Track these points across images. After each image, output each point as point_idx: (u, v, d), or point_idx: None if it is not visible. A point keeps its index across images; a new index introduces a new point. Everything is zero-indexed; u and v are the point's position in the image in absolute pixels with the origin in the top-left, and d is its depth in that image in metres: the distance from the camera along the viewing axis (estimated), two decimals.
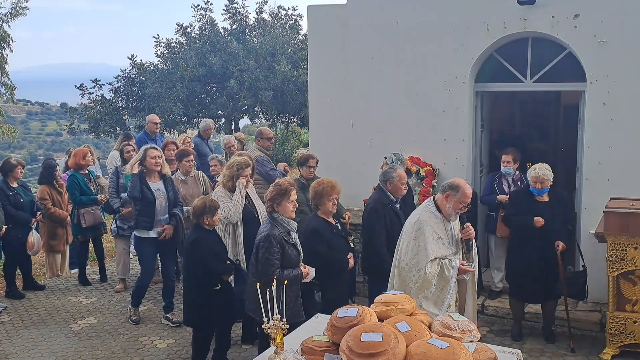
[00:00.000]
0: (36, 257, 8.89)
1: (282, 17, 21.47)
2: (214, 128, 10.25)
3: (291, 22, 21.44)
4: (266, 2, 21.47)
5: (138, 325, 6.97)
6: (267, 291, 3.65)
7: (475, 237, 5.37)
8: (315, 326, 4.14)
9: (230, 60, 18.78)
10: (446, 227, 5.07)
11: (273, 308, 3.57)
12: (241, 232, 6.16)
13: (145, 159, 6.69)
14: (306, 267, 5.21)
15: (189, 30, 20.23)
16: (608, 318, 5.94)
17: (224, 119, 20.40)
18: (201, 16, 20.20)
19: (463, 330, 3.57)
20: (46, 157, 10.95)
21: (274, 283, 3.68)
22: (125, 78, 19.58)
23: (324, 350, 3.42)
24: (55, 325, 7.07)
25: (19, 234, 7.70)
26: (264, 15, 21.01)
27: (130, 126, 19.54)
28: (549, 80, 7.24)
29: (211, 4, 20.19)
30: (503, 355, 3.68)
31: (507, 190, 7.01)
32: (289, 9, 21.70)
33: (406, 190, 6.19)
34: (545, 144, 10.41)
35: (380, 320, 3.58)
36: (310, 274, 5.21)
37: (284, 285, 4.96)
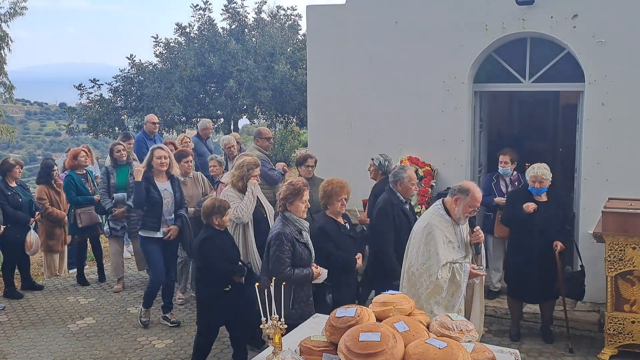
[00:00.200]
0: (35, 257, 8.88)
1: (281, 17, 21.48)
2: (212, 128, 10.23)
3: (290, 22, 21.46)
4: (265, 2, 21.54)
5: (136, 326, 6.96)
6: (265, 291, 3.64)
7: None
8: (313, 326, 4.14)
9: (229, 60, 18.78)
10: (456, 231, 4.99)
11: (271, 308, 3.56)
12: (252, 233, 6.11)
13: (152, 159, 6.66)
14: (318, 268, 5.19)
15: (187, 30, 20.25)
16: (606, 318, 5.94)
17: (222, 119, 20.40)
18: (200, 16, 20.22)
19: (461, 330, 3.57)
20: (45, 157, 10.93)
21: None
22: (124, 78, 19.59)
23: (322, 350, 3.42)
24: (54, 325, 7.06)
25: (18, 233, 7.69)
26: (263, 15, 21.05)
27: (129, 126, 19.56)
28: (547, 81, 7.25)
29: (210, 4, 20.20)
30: (501, 355, 3.68)
31: (505, 190, 7.01)
32: (288, 9, 21.72)
33: (417, 190, 6.16)
34: (544, 144, 10.42)
35: (379, 320, 3.58)
36: (322, 275, 5.19)
37: (295, 285, 4.99)
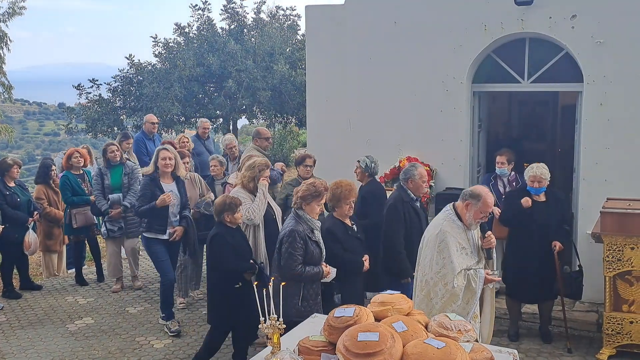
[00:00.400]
0: (33, 257, 8.87)
1: (280, 17, 21.48)
2: (209, 128, 10.24)
3: (289, 22, 21.46)
4: (264, 2, 21.52)
5: (135, 325, 6.95)
6: (264, 291, 3.64)
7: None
8: (312, 326, 4.13)
9: (228, 60, 18.77)
10: (468, 236, 4.90)
11: (270, 308, 3.56)
12: (262, 234, 6.08)
13: (157, 161, 6.64)
14: (327, 266, 5.22)
15: (187, 30, 20.25)
16: (605, 318, 5.95)
17: (222, 119, 20.39)
18: (199, 16, 20.22)
19: (460, 330, 3.57)
20: (44, 157, 10.92)
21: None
22: (123, 78, 19.58)
23: (320, 350, 3.41)
24: (52, 325, 7.05)
25: (16, 233, 7.67)
26: (262, 15, 21.05)
27: (127, 126, 19.54)
28: (546, 81, 7.25)
29: (209, 4, 20.21)
30: (500, 355, 3.67)
31: (503, 191, 7.01)
32: (287, 9, 21.72)
33: (427, 188, 6.17)
34: (543, 145, 10.42)
35: (377, 320, 3.57)
36: (331, 274, 5.23)
37: (304, 283, 5.00)
